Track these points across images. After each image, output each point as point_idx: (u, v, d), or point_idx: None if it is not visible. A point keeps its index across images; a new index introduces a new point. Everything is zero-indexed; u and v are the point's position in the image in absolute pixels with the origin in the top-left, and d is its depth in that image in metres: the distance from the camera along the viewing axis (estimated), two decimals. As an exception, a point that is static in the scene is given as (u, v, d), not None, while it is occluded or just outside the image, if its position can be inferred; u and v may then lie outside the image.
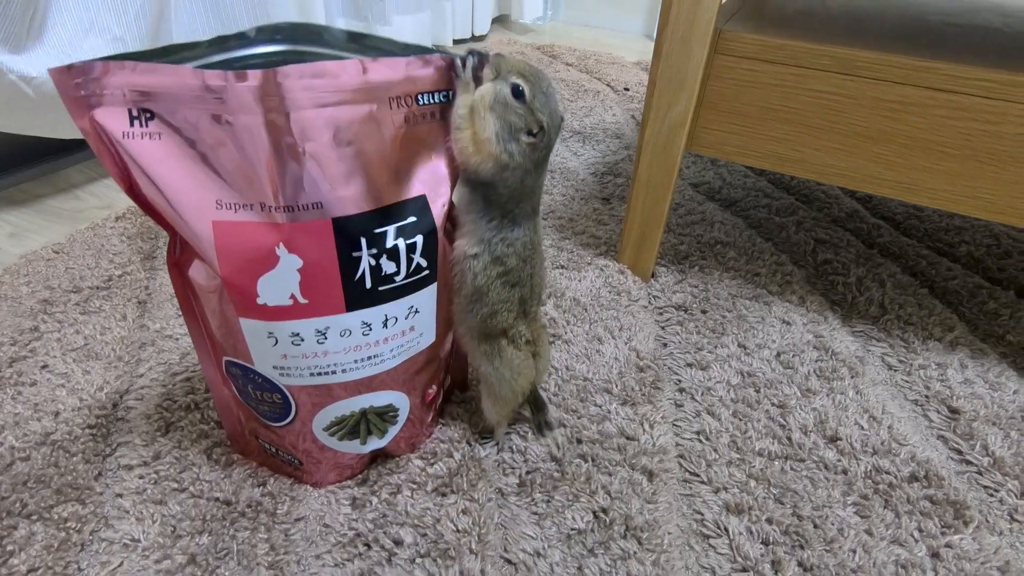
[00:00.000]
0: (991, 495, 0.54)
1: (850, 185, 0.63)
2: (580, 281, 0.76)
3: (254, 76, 0.32)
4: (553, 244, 0.84)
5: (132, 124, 0.34)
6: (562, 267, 0.79)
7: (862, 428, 0.59)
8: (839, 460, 0.55)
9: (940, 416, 0.61)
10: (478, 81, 0.41)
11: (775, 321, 0.72)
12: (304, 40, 0.43)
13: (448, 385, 0.58)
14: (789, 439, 0.57)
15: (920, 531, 0.50)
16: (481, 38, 1.82)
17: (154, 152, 0.34)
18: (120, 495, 0.49)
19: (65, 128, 0.87)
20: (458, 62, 0.41)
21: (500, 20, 1.98)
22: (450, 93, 0.40)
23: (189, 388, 0.59)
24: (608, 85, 1.44)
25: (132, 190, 0.37)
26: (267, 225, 0.36)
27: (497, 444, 0.55)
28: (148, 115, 0.33)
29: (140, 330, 0.66)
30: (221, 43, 0.43)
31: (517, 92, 0.40)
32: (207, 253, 0.37)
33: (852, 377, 0.64)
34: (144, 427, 0.55)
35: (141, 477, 0.51)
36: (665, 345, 0.69)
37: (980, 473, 0.55)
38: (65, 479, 0.50)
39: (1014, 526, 0.51)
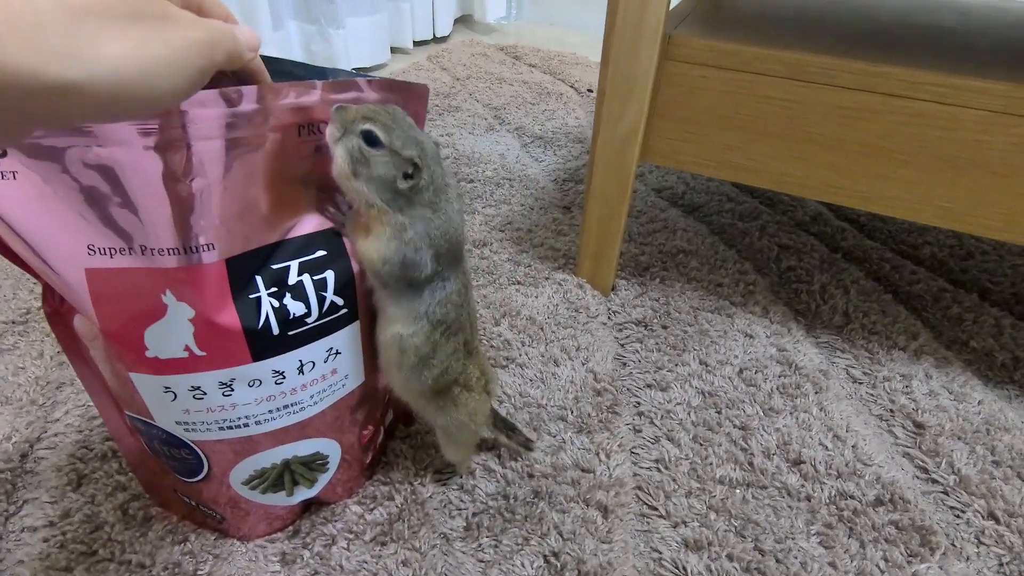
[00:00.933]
0: (957, 516, 0.52)
1: (807, 194, 0.60)
2: (536, 298, 0.73)
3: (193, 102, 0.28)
4: (510, 258, 0.81)
5: None
6: (519, 283, 0.76)
7: (826, 449, 0.56)
8: (802, 485, 0.53)
9: (905, 432, 0.59)
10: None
11: (737, 335, 0.69)
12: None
13: (390, 421, 0.54)
14: (751, 464, 0.55)
15: (886, 560, 0.48)
16: (444, 39, 1.77)
17: (8, 193, 0.30)
18: (21, 561, 0.45)
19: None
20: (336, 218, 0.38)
21: (463, 20, 1.94)
22: None
23: (107, 434, 0.54)
24: (571, 87, 1.41)
25: None
26: (150, 270, 0.32)
27: (461, 476, 0.52)
28: None
29: (59, 368, 0.61)
30: None
31: (370, 139, 0.34)
32: (82, 304, 0.32)
33: (816, 393, 0.62)
34: (54, 481, 0.50)
35: (46, 540, 0.46)
36: (624, 364, 0.66)
37: (946, 493, 0.53)
38: (-41, 546, 0.45)
39: (981, 550, 0.49)
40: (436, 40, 1.75)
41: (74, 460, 0.52)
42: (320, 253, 0.36)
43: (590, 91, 1.39)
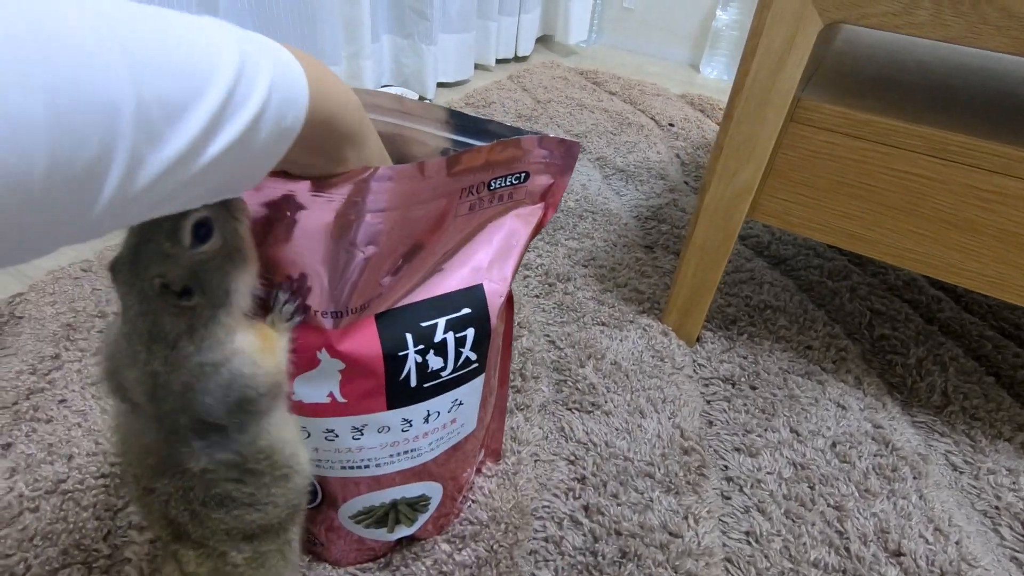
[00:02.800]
0: (1073, 637, 0.48)
1: (928, 272, 0.58)
2: (622, 342, 0.72)
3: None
4: (594, 297, 0.80)
5: None
6: (603, 324, 0.75)
7: (927, 542, 0.54)
8: (903, 580, 0.51)
9: (1013, 533, 0.56)
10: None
11: (830, 404, 0.67)
12: (377, 109, 0.40)
13: (479, 460, 0.55)
14: (847, 549, 0.53)
15: (995, 677, 0.45)
16: (524, 58, 1.79)
17: None
18: (128, 560, 0.46)
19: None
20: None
21: (543, 40, 1.95)
22: (523, 175, 0.37)
23: (209, 438, 0.56)
24: (652, 119, 1.40)
25: None
26: (310, 329, 0.33)
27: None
28: None
29: (162, 365, 0.64)
30: None
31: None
32: None
33: (915, 479, 0.59)
34: (159, 481, 0.52)
35: (152, 541, 0.48)
36: (711, 423, 0.64)
37: (1060, 609, 0.50)
38: (72, 537, 0.47)
39: None
40: (517, 59, 1.77)
41: (178, 462, 0.54)
42: (465, 311, 0.36)
43: (671, 125, 1.37)
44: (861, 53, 0.76)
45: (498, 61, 1.68)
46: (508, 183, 0.36)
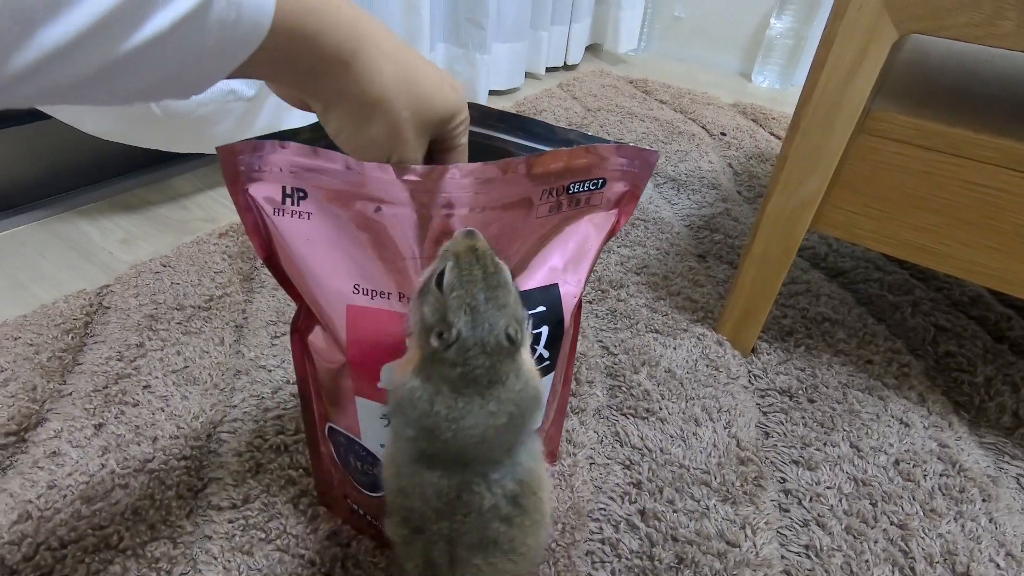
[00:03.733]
0: None
1: (1003, 288, 0.56)
2: (675, 350, 0.72)
3: (414, 172, 0.31)
4: (647, 304, 0.80)
5: (284, 201, 0.33)
6: (656, 332, 0.76)
7: (998, 567, 0.52)
8: (972, 604, 0.49)
9: (1092, 563, 0.53)
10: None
11: (892, 420, 0.66)
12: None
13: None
14: (912, 569, 0.51)
15: None
16: (573, 67, 1.80)
17: (301, 230, 0.34)
18: (209, 537, 0.49)
19: (180, 144, 0.90)
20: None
21: (592, 49, 1.97)
22: (601, 181, 0.38)
23: (279, 427, 0.59)
24: (703, 128, 1.39)
25: (269, 260, 0.36)
26: (400, 315, 0.35)
27: None
28: (301, 194, 0.33)
29: (236, 356, 0.67)
30: None
31: (439, 275, 0.30)
32: (338, 333, 0.35)
33: (984, 501, 0.57)
34: (235, 465, 0.55)
35: (231, 521, 0.51)
36: (768, 435, 0.64)
37: None
38: (160, 514, 0.51)
39: None
40: (566, 67, 1.79)
41: (252, 448, 0.57)
42: (541, 309, 0.38)
43: (723, 135, 1.36)
44: (932, 63, 0.75)
45: (548, 70, 1.70)
46: (586, 188, 0.38)
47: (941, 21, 0.49)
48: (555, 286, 0.38)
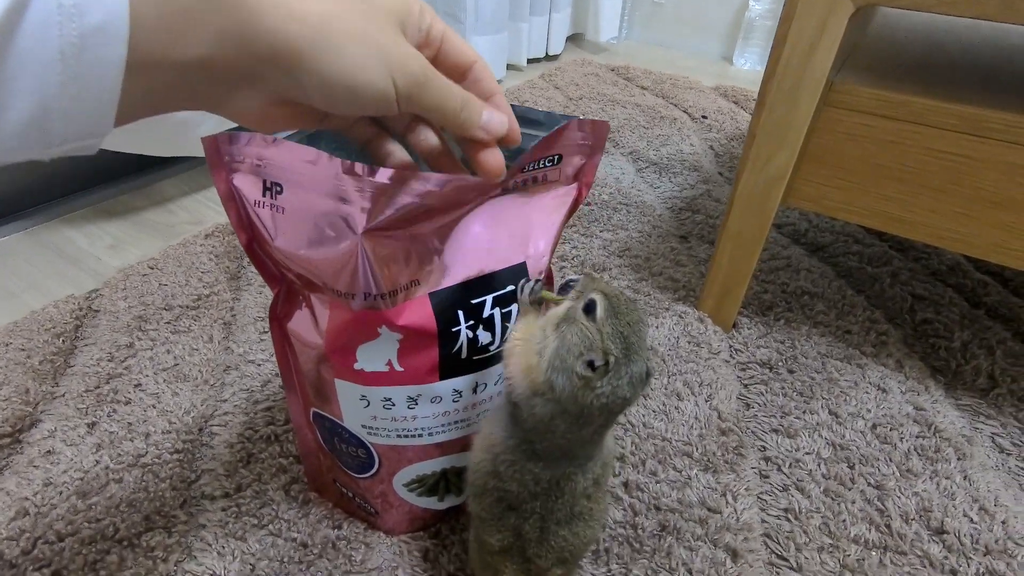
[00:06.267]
0: None
1: (971, 252, 0.57)
2: (658, 328, 0.74)
3: (384, 174, 0.31)
4: (630, 285, 0.82)
5: (264, 194, 0.34)
6: (638, 311, 0.77)
7: (972, 521, 0.53)
8: (946, 557, 0.51)
9: (1063, 514, 0.55)
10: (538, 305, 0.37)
11: (869, 387, 0.67)
12: None
13: None
14: (888, 527, 0.53)
15: (1043, 652, 0.45)
16: (555, 57, 1.81)
17: (280, 224, 0.35)
18: (203, 526, 0.51)
19: (163, 148, 0.91)
20: (520, 286, 0.37)
21: (573, 39, 1.97)
22: (557, 157, 0.39)
23: (269, 418, 0.60)
24: (685, 112, 1.40)
25: (250, 245, 0.37)
26: (370, 313, 0.36)
27: None
28: (278, 188, 0.34)
29: (225, 353, 0.69)
30: None
31: (588, 307, 0.32)
32: (320, 324, 0.37)
33: (959, 459, 0.59)
34: (227, 456, 0.56)
35: (224, 509, 0.52)
36: (749, 406, 0.65)
37: (1113, 588, 0.49)
38: (154, 505, 0.52)
39: None
40: (548, 58, 1.79)
41: (243, 439, 0.58)
42: (510, 288, 0.39)
43: (704, 118, 1.37)
44: (899, 37, 0.76)
45: (529, 61, 1.71)
46: (541, 165, 0.39)
47: (894, -9, 0.50)
48: (522, 264, 0.40)
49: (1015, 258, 0.56)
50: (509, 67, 1.64)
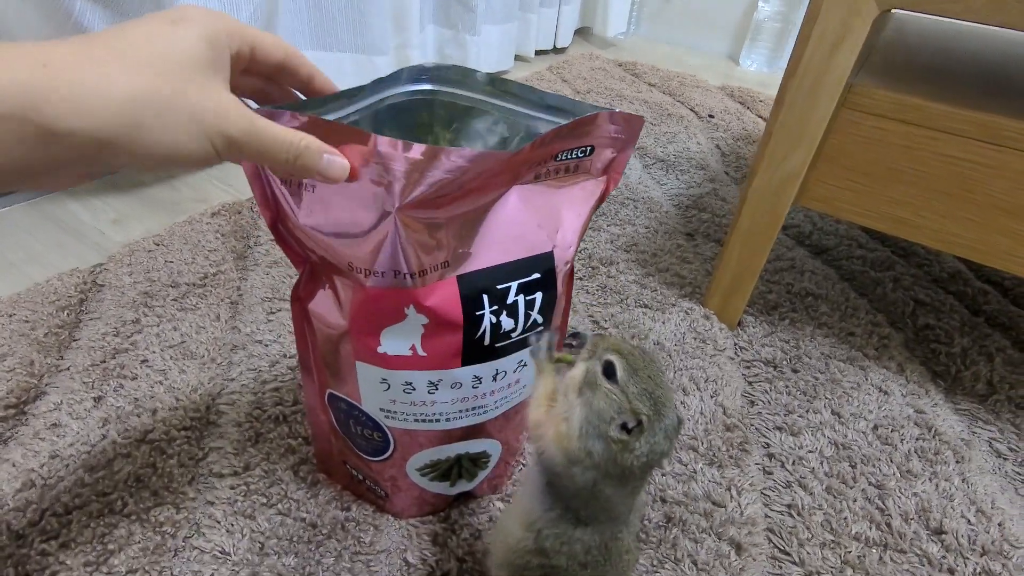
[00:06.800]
0: (1117, 618, 0.49)
1: (978, 259, 0.58)
2: (664, 324, 0.74)
3: (418, 149, 0.31)
4: (636, 280, 0.82)
5: None
6: (645, 306, 0.77)
7: (969, 522, 0.55)
8: (944, 557, 0.52)
9: (1057, 518, 0.56)
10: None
11: (872, 389, 0.68)
12: (447, 82, 0.43)
13: None
14: (888, 525, 0.54)
15: (1036, 650, 0.46)
16: (562, 50, 1.80)
17: (308, 201, 0.34)
18: (212, 503, 0.51)
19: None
20: (532, 340, 0.37)
21: (581, 33, 1.96)
22: (589, 148, 0.39)
23: (278, 399, 0.60)
24: (692, 110, 1.40)
25: (274, 224, 0.37)
26: (398, 291, 0.36)
27: None
28: None
29: (232, 332, 0.68)
30: (376, 86, 0.42)
31: (608, 370, 0.32)
32: (343, 304, 0.37)
33: (957, 462, 0.60)
34: (235, 435, 0.56)
35: (232, 488, 0.52)
36: (753, 403, 0.66)
37: (1104, 591, 0.51)
38: (162, 481, 0.52)
39: None
40: (556, 51, 1.79)
41: (251, 419, 0.58)
42: (535, 276, 0.39)
43: (711, 116, 1.38)
44: (913, 41, 0.76)
45: (537, 52, 1.70)
46: (575, 156, 0.39)
47: (920, -4, 0.50)
48: (549, 254, 0.40)
49: (1022, 265, 0.56)
50: (517, 58, 1.63)
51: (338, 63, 1.12)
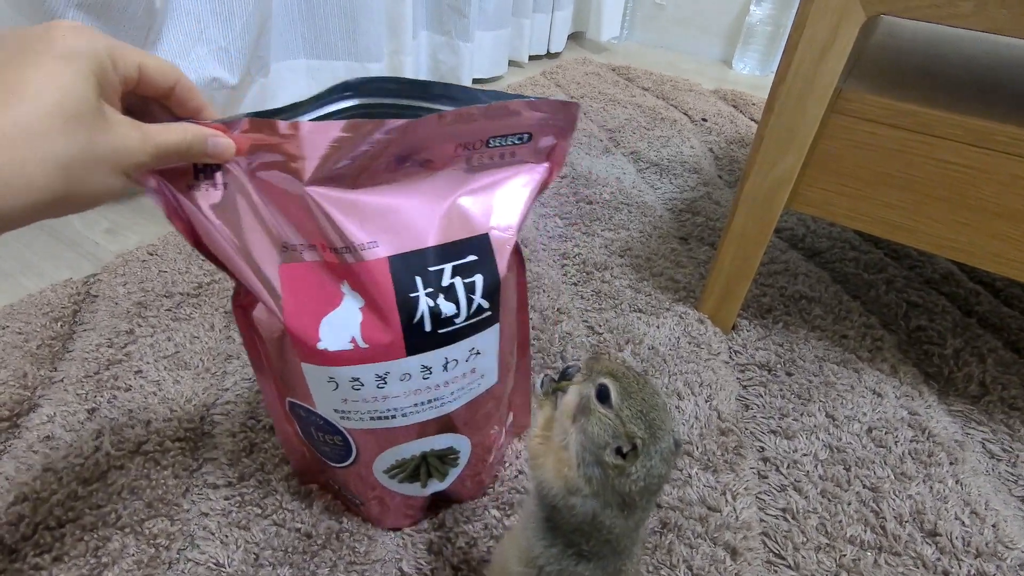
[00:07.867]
0: (1111, 618, 0.49)
1: (970, 261, 0.59)
2: (659, 328, 0.74)
3: (336, 126, 0.33)
4: (631, 285, 0.82)
5: (197, 177, 0.34)
6: (640, 311, 0.78)
7: (963, 524, 0.55)
8: (939, 559, 0.52)
9: (1051, 519, 0.56)
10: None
11: (865, 391, 0.68)
12: (379, 93, 0.43)
13: (510, 422, 0.57)
14: (883, 528, 0.54)
15: (1031, 652, 0.46)
16: (556, 55, 1.81)
17: (218, 202, 0.35)
18: (206, 514, 0.50)
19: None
20: (535, 380, 0.37)
21: (575, 37, 1.97)
22: (527, 135, 0.40)
23: (272, 408, 0.60)
24: (685, 114, 1.41)
25: (199, 244, 0.37)
26: (332, 264, 0.37)
27: None
28: (213, 166, 0.34)
29: (226, 342, 0.68)
30: (316, 100, 0.42)
31: (601, 394, 0.32)
32: (271, 301, 0.37)
33: (951, 464, 0.60)
34: (229, 445, 0.56)
35: (227, 498, 0.52)
36: (747, 407, 0.66)
37: (1098, 591, 0.51)
38: (156, 492, 0.51)
39: None
40: (549, 56, 1.80)
41: (245, 429, 0.58)
42: (471, 258, 0.39)
43: (704, 120, 1.38)
44: (902, 46, 0.77)
45: (531, 58, 1.71)
46: (509, 142, 0.39)
47: (906, 2, 0.50)
48: (484, 236, 0.40)
49: (1013, 268, 0.57)
50: (511, 63, 1.64)
51: (332, 71, 1.12)
